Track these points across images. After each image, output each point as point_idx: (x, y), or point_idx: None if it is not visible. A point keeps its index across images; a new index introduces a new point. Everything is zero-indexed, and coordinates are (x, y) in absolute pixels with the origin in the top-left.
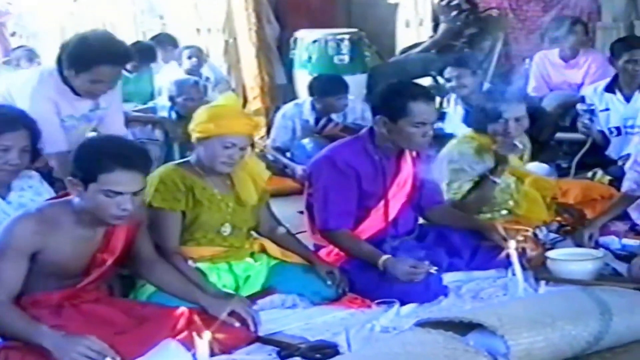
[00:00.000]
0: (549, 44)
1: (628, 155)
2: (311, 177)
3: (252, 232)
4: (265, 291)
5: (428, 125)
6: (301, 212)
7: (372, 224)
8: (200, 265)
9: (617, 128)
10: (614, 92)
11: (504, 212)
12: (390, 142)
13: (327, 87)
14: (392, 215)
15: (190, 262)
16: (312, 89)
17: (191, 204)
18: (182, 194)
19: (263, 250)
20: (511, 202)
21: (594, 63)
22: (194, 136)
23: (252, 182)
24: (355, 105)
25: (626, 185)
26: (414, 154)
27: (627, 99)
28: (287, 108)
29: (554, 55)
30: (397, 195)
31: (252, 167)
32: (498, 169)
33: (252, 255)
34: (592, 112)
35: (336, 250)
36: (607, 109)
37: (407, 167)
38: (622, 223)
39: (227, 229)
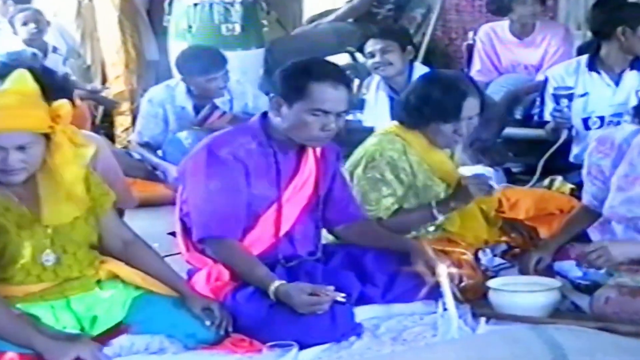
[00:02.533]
0: (497, 15)
1: None
2: (186, 175)
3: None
4: (121, 329)
5: (331, 116)
6: (172, 234)
7: (260, 237)
8: (24, 306)
9: (601, 118)
10: (598, 72)
11: (431, 228)
12: (283, 133)
13: (194, 63)
14: (285, 225)
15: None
16: (179, 66)
17: None
18: None
19: (116, 276)
20: (441, 217)
21: (555, 39)
22: None
23: (67, 192)
24: (246, 89)
25: (586, 198)
26: (318, 151)
27: (616, 81)
28: (156, 92)
29: (503, 29)
30: (294, 200)
31: (67, 168)
32: (449, 203)
33: (99, 284)
34: (570, 97)
35: (216, 272)
36: (586, 94)
37: (309, 166)
38: (582, 245)
39: (49, 258)
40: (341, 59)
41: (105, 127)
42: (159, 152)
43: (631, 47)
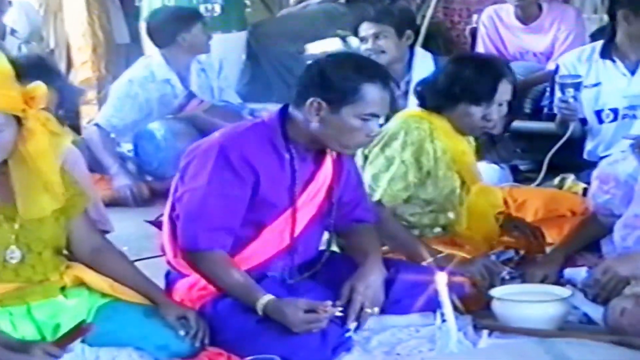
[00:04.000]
0: None
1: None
2: (186, 172)
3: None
4: (82, 330)
5: (377, 119)
6: (150, 222)
7: (262, 249)
8: None
9: (615, 110)
10: (612, 60)
11: (438, 229)
12: (313, 137)
13: (173, 22)
14: (296, 235)
15: None
16: (155, 33)
17: None
18: None
19: (82, 282)
20: (452, 215)
21: (564, 24)
22: None
23: (44, 183)
24: (212, 62)
25: (593, 204)
26: (334, 154)
27: (632, 71)
28: (136, 70)
29: (508, 13)
30: (304, 210)
31: (42, 157)
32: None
33: (63, 290)
34: (577, 86)
35: (202, 283)
36: (598, 84)
37: (325, 172)
38: (593, 255)
39: (15, 255)
40: (331, 44)
41: (69, 117)
42: (129, 146)
43: (635, 34)
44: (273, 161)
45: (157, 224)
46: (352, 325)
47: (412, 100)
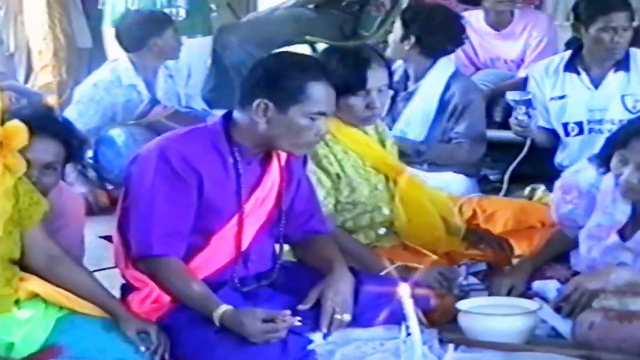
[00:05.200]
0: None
1: None
2: (130, 178)
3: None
4: (52, 351)
5: (324, 118)
6: (104, 238)
7: (212, 258)
8: None
9: (579, 123)
10: (577, 72)
11: (382, 230)
12: (261, 139)
13: (143, 26)
14: (245, 243)
15: None
16: (124, 38)
17: None
18: None
19: (37, 295)
20: (386, 211)
21: (536, 30)
22: None
23: None
24: (181, 68)
25: (556, 215)
26: (283, 158)
27: (596, 83)
28: (102, 74)
29: (478, 19)
30: (253, 216)
31: None
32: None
33: (17, 304)
34: (529, 103)
35: (155, 294)
36: (564, 96)
37: (272, 178)
38: (563, 266)
39: None
40: (300, 50)
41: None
42: (89, 153)
43: (589, 48)
44: (216, 164)
45: (110, 238)
46: (324, 329)
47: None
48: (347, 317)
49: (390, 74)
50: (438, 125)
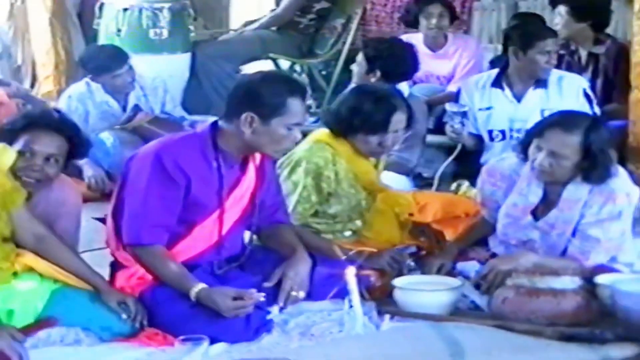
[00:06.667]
0: (410, 28)
1: None
2: (127, 175)
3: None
4: (42, 322)
5: (300, 127)
6: (98, 219)
7: (193, 244)
8: None
9: (502, 131)
10: (501, 88)
11: (348, 232)
12: (245, 146)
13: (96, 61)
14: (223, 233)
15: None
16: (84, 65)
17: None
18: None
19: (32, 269)
20: (359, 222)
21: (466, 52)
22: None
23: None
24: (159, 87)
25: (484, 213)
26: (257, 160)
27: (518, 98)
28: (75, 88)
29: (418, 41)
30: (232, 211)
31: None
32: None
33: (15, 276)
34: (464, 114)
35: (141, 272)
36: (490, 108)
37: (249, 179)
38: (483, 249)
39: None
40: (264, 66)
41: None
42: None
43: (524, 68)
44: (203, 168)
45: (103, 220)
46: (280, 304)
47: None
48: (302, 294)
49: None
50: None
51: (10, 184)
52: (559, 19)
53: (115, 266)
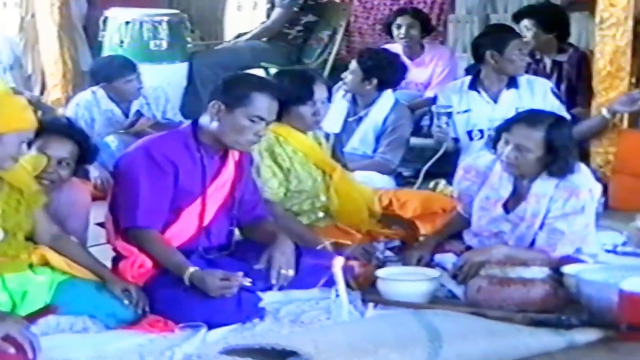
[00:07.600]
0: (394, 38)
1: None
2: (119, 171)
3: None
4: (49, 309)
5: (263, 123)
6: (100, 225)
7: (182, 229)
8: None
9: (481, 131)
10: (478, 91)
11: (320, 214)
12: (215, 136)
13: (109, 69)
14: (206, 219)
15: None
16: (95, 75)
17: None
18: None
19: (45, 262)
20: (323, 198)
21: (441, 61)
22: None
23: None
24: (160, 96)
25: (460, 207)
26: (236, 156)
27: (494, 99)
28: (82, 96)
29: (397, 51)
30: (214, 198)
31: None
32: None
33: (31, 267)
34: (449, 115)
35: (140, 260)
36: (468, 110)
37: (229, 170)
38: (458, 242)
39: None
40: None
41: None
42: None
43: (502, 69)
44: (187, 158)
45: (103, 224)
46: (273, 281)
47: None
48: (291, 272)
49: (330, 93)
50: (380, 141)
51: (35, 186)
52: (526, 31)
53: (117, 259)
